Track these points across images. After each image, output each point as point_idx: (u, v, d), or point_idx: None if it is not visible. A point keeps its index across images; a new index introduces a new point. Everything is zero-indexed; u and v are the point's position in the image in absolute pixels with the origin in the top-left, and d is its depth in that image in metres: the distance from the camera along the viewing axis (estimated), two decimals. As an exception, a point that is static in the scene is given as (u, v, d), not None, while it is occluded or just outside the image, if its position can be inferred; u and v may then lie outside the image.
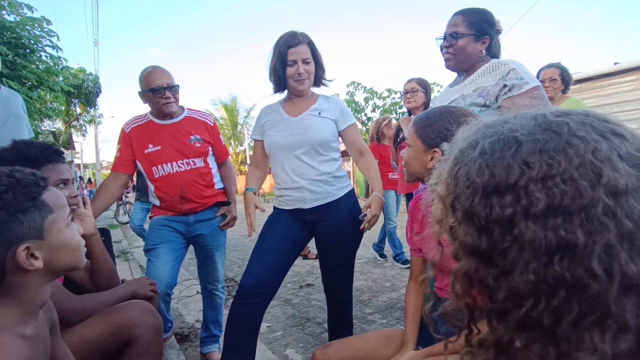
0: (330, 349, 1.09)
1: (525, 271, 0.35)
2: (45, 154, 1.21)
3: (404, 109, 2.95)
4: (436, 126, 0.98)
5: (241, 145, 24.53)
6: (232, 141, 23.73)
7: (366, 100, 11.13)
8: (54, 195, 0.80)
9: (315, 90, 1.64)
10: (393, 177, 3.80)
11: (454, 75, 1.54)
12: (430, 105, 2.47)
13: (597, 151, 0.35)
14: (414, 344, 1.08)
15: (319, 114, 1.55)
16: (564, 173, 0.35)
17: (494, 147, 0.40)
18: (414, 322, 1.12)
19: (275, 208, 1.62)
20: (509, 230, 0.36)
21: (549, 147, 0.37)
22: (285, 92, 1.61)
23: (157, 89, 1.73)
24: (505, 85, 1.27)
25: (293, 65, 1.48)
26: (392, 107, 10.80)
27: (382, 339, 1.12)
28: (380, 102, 11.04)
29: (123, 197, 9.07)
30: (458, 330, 0.49)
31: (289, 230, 1.55)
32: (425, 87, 2.64)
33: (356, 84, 11.03)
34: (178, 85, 1.80)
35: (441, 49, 1.45)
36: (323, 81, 1.60)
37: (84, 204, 1.34)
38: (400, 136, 2.76)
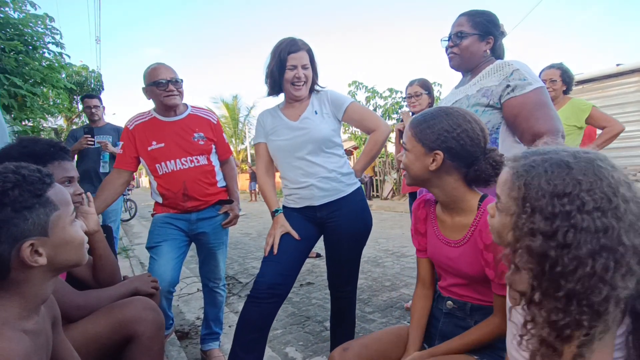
0: (350, 352, 1.06)
1: (585, 243, 0.58)
2: (51, 151, 1.22)
3: (405, 109, 2.94)
4: (435, 129, 0.97)
5: (242, 143, 24.53)
6: (233, 139, 23.74)
7: (367, 99, 11.09)
8: (58, 192, 0.80)
9: None
10: None
11: (457, 73, 1.55)
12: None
13: (614, 177, 0.60)
14: (416, 348, 1.08)
15: (316, 112, 1.59)
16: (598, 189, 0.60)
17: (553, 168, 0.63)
18: (417, 328, 1.11)
19: (284, 207, 1.63)
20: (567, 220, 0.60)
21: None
22: (282, 96, 1.65)
23: (160, 82, 1.74)
24: (508, 86, 1.27)
25: (293, 70, 1.53)
26: (393, 107, 10.77)
27: (394, 339, 1.12)
28: (381, 102, 11.02)
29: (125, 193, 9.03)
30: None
31: (301, 231, 1.56)
32: (428, 88, 2.64)
33: (358, 84, 11.00)
34: (182, 80, 1.81)
35: (446, 50, 1.46)
36: (316, 87, 1.65)
37: (88, 201, 1.34)
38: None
